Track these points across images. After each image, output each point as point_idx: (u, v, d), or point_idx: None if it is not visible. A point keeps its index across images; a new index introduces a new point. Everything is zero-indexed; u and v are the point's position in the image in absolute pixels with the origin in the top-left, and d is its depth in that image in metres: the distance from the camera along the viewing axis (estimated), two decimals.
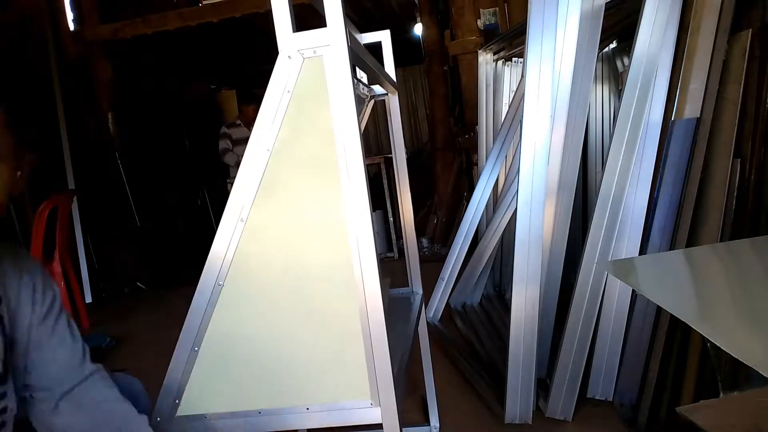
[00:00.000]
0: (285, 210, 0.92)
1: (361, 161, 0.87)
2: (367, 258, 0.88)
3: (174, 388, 0.94)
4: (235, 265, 0.93)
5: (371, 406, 0.91)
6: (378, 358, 0.89)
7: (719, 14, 1.77)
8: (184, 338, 0.94)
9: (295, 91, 0.89)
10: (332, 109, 0.87)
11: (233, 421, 0.94)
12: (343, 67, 0.86)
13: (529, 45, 2.00)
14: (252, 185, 0.91)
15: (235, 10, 4.89)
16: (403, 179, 1.78)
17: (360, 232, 0.88)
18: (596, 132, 3.32)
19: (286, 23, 0.87)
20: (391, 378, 0.89)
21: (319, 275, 0.92)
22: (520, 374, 1.95)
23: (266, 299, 0.94)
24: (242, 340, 0.94)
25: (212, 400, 0.94)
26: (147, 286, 4.95)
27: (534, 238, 1.96)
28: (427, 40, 5.40)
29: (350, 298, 0.90)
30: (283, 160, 0.91)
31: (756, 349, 0.72)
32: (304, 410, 0.93)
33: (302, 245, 0.93)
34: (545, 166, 2.01)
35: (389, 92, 1.70)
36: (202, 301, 0.93)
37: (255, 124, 0.90)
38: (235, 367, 0.94)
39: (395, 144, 1.74)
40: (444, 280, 3.15)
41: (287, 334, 0.93)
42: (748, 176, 1.69)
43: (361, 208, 0.88)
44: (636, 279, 1.16)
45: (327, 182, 0.90)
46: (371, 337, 0.89)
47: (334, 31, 0.86)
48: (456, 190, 4.97)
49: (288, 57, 0.88)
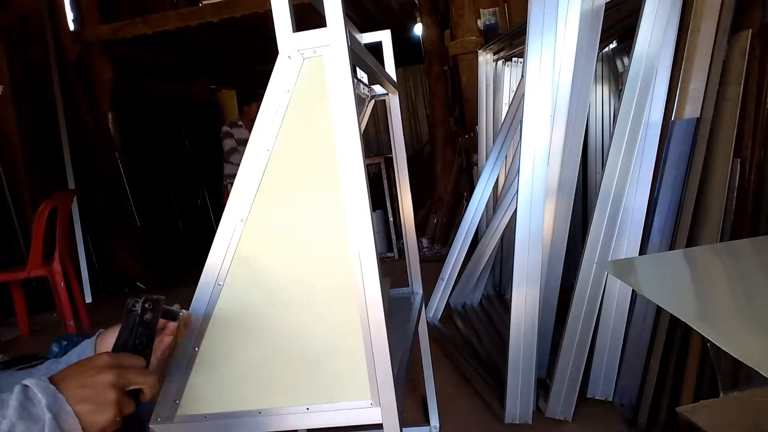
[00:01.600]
0: (285, 210, 0.92)
1: (361, 161, 0.86)
2: (367, 258, 0.88)
3: (173, 389, 0.93)
4: (235, 265, 0.93)
5: (371, 406, 0.90)
6: (378, 358, 0.89)
7: (719, 14, 1.77)
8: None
9: (295, 91, 0.89)
10: (332, 109, 0.87)
11: (233, 422, 0.93)
12: (343, 67, 0.86)
13: (529, 45, 2.00)
14: (252, 185, 0.91)
15: (235, 10, 4.89)
16: (404, 179, 1.78)
17: (360, 232, 0.88)
18: (596, 132, 3.32)
19: (286, 23, 0.86)
20: (391, 378, 0.89)
21: (319, 275, 0.92)
22: (520, 374, 1.95)
23: (266, 299, 0.93)
24: (242, 340, 0.94)
25: (212, 401, 0.94)
26: (147, 286, 4.95)
27: (534, 238, 1.96)
28: (427, 40, 5.41)
29: (350, 298, 0.89)
30: (283, 160, 0.91)
31: (756, 349, 0.72)
32: (304, 410, 0.92)
33: (302, 245, 0.92)
34: (545, 166, 2.01)
35: (389, 92, 1.70)
36: (202, 301, 0.93)
37: (255, 124, 0.90)
38: (235, 367, 0.94)
39: (395, 144, 1.74)
40: (444, 280, 3.16)
41: (287, 334, 0.93)
42: (748, 176, 1.69)
43: (361, 208, 0.87)
44: (636, 279, 1.16)
45: (327, 182, 0.89)
46: (371, 337, 0.89)
47: (334, 31, 0.85)
48: (456, 190, 4.97)
49: (288, 57, 0.88)
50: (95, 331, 0.96)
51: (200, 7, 5.35)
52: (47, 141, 4.60)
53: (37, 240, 3.34)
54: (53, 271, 3.47)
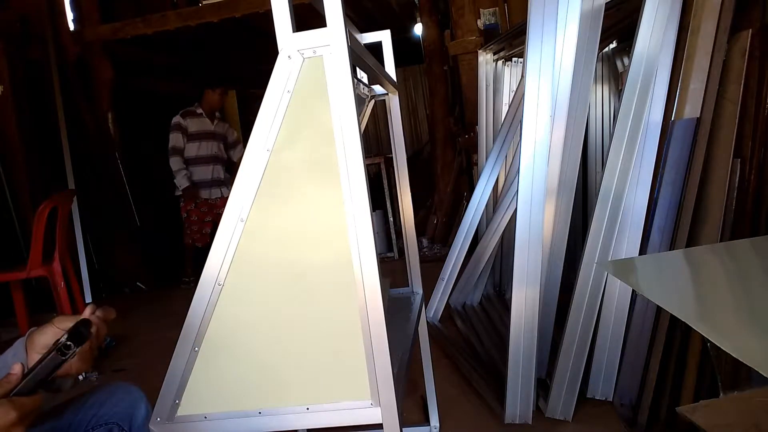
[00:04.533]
0: (285, 210, 0.92)
1: (361, 161, 0.87)
2: (367, 258, 0.88)
3: (174, 389, 0.94)
4: (235, 265, 0.93)
5: (371, 406, 0.91)
6: (378, 358, 0.89)
7: (719, 14, 1.77)
8: (184, 338, 0.94)
9: (295, 90, 0.89)
10: (332, 109, 0.87)
11: (233, 422, 0.94)
12: (343, 67, 0.86)
13: (529, 45, 2.00)
14: (252, 185, 0.91)
15: (235, 10, 4.88)
16: (404, 179, 1.78)
17: (360, 231, 0.88)
18: (596, 132, 3.32)
19: (286, 23, 0.87)
20: (391, 378, 0.89)
21: (319, 275, 0.92)
22: (520, 374, 1.95)
23: (266, 299, 0.94)
24: (242, 340, 0.94)
25: (212, 401, 0.94)
26: (147, 286, 4.95)
27: (534, 238, 1.96)
28: (427, 40, 5.40)
29: (350, 298, 0.90)
30: (282, 160, 0.91)
31: (756, 349, 0.72)
32: (305, 410, 0.92)
33: (302, 245, 0.92)
34: (545, 166, 2.01)
35: (389, 92, 1.70)
36: (202, 301, 0.93)
37: (255, 124, 0.90)
38: (235, 367, 0.94)
39: (395, 144, 1.74)
40: (444, 280, 3.16)
41: (287, 334, 0.93)
42: (748, 176, 1.69)
43: (361, 208, 0.88)
44: (636, 279, 1.16)
45: (327, 182, 0.90)
46: (371, 336, 0.89)
47: (334, 31, 0.85)
48: (456, 190, 4.97)
49: (288, 57, 0.88)
50: None
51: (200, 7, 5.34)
52: (47, 141, 4.59)
53: (37, 240, 3.33)
54: (53, 271, 3.47)
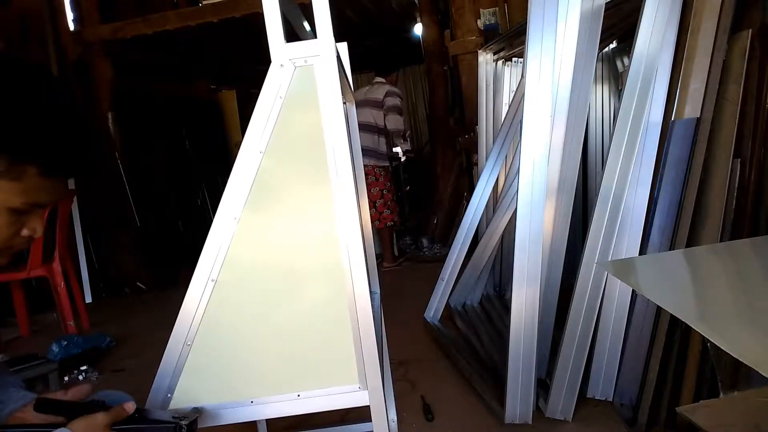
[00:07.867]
0: (277, 208, 0.97)
1: (348, 161, 0.94)
2: (355, 252, 0.94)
3: (166, 383, 0.97)
4: (228, 261, 0.97)
5: (359, 389, 0.96)
6: (365, 344, 0.95)
7: (719, 14, 1.77)
8: (176, 334, 0.97)
9: (287, 97, 0.95)
10: (322, 114, 0.94)
11: (226, 412, 0.97)
12: (332, 75, 0.93)
13: (529, 45, 2.00)
14: (245, 185, 0.96)
15: (235, 10, 4.88)
16: (361, 182, 1.78)
17: (348, 228, 0.94)
18: (596, 132, 3.32)
19: (278, 34, 0.93)
20: (377, 363, 0.95)
21: (309, 270, 0.97)
22: (520, 374, 1.95)
23: (257, 293, 0.98)
24: (234, 334, 0.98)
25: (204, 393, 0.97)
26: (147, 286, 4.95)
27: (534, 238, 1.96)
28: (427, 40, 5.40)
29: (339, 289, 0.95)
30: (274, 161, 0.96)
31: (756, 349, 0.72)
32: (295, 397, 0.97)
33: (293, 240, 0.97)
34: (545, 166, 2.01)
35: (347, 101, 1.72)
36: (194, 298, 0.96)
37: (248, 127, 0.95)
38: (227, 359, 0.98)
39: (353, 151, 1.74)
40: (444, 280, 3.15)
41: (278, 324, 0.97)
42: (748, 176, 1.69)
43: (348, 205, 0.94)
44: (636, 279, 1.16)
45: (316, 182, 0.96)
46: (359, 325, 0.95)
47: (323, 43, 0.92)
48: (456, 190, 4.97)
49: (280, 65, 0.94)
50: (95, 331, 0.97)
51: (200, 7, 5.34)
52: None
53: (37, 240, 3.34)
54: (53, 271, 3.47)
